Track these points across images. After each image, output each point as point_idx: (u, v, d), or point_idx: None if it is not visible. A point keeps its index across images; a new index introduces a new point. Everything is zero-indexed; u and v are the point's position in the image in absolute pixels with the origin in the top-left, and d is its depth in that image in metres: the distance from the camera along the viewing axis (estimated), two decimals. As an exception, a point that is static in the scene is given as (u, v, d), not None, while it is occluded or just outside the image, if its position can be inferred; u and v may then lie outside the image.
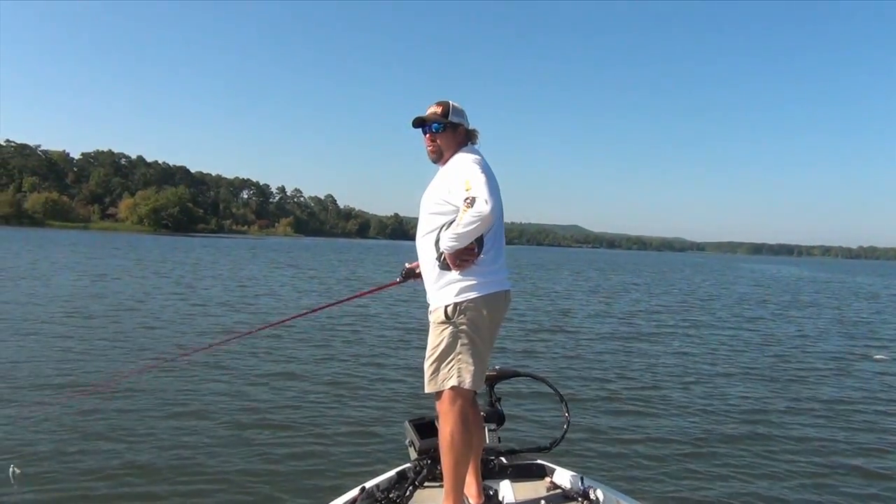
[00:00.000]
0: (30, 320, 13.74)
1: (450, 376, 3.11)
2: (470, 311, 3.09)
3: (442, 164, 3.30)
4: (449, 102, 3.31)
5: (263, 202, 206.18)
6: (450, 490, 3.13)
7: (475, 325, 3.11)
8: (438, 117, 3.27)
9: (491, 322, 3.17)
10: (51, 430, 6.95)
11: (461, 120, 3.31)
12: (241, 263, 41.11)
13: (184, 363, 10.13)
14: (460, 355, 3.11)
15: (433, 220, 3.18)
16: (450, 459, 3.10)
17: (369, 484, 3.49)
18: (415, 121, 3.32)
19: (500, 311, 3.23)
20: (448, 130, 3.27)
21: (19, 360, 9.98)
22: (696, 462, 6.82)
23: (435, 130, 3.27)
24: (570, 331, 16.62)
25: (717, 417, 8.65)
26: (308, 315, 16.44)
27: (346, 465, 6.29)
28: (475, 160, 3.15)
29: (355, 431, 7.37)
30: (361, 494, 3.37)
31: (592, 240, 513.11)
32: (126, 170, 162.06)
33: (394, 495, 3.38)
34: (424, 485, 3.52)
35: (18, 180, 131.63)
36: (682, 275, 58.67)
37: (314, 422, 7.64)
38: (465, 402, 3.15)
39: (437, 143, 3.28)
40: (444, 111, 3.28)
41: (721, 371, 11.93)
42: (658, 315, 21.67)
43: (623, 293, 31.71)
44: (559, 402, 3.93)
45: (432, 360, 3.15)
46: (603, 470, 6.32)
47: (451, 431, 3.09)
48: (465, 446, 3.10)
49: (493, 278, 3.15)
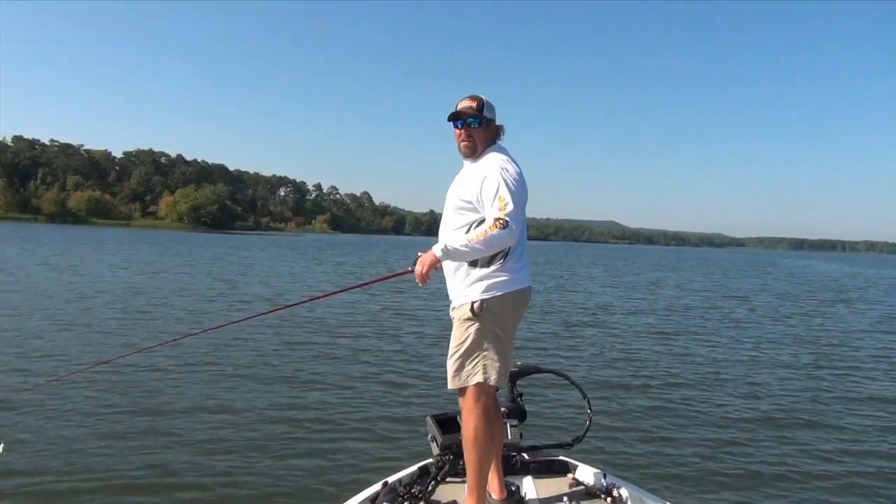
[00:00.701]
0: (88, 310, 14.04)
1: (474, 373, 3.11)
2: (496, 307, 3.09)
3: (474, 159, 3.26)
4: (482, 97, 3.27)
5: (300, 199, 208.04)
6: (473, 486, 3.13)
7: (501, 321, 3.12)
8: (474, 112, 3.23)
9: (515, 319, 3.20)
10: (68, 405, 7.18)
11: (493, 115, 3.29)
12: (282, 260, 41.56)
13: (200, 353, 10.39)
14: (486, 352, 3.11)
15: (461, 217, 3.17)
16: (473, 455, 3.10)
17: (392, 479, 3.49)
18: (451, 115, 3.27)
19: (523, 308, 3.25)
20: (483, 126, 3.24)
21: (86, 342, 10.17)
22: (724, 461, 6.70)
23: (471, 126, 3.23)
24: (598, 327, 16.49)
25: (748, 415, 8.48)
26: (325, 305, 16.86)
27: (369, 459, 6.30)
28: (509, 168, 3.10)
29: (377, 426, 7.37)
30: (384, 489, 3.38)
31: (629, 236, 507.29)
32: (166, 168, 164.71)
33: (416, 490, 3.37)
34: (447, 480, 3.51)
35: (62, 179, 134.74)
36: (721, 271, 57.82)
37: (336, 417, 7.65)
38: (489, 399, 3.16)
39: (471, 138, 3.24)
40: (479, 106, 3.24)
41: (756, 368, 11.68)
42: (691, 311, 21.36)
43: (656, 289, 31.35)
44: (582, 399, 3.90)
45: (457, 356, 3.14)
46: (626, 467, 6.25)
47: (475, 427, 3.09)
48: (488, 442, 3.11)
49: (517, 275, 3.15)
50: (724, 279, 43.35)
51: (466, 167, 3.28)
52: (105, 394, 8.11)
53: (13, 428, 6.73)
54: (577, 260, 70.76)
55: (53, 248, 39.80)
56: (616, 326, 16.76)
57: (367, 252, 63.68)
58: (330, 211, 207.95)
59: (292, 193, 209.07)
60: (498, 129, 3.32)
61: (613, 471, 3.71)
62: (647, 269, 55.43)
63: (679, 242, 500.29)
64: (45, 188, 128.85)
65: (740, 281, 41.97)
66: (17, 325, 12.62)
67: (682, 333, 15.94)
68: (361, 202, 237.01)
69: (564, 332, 15.17)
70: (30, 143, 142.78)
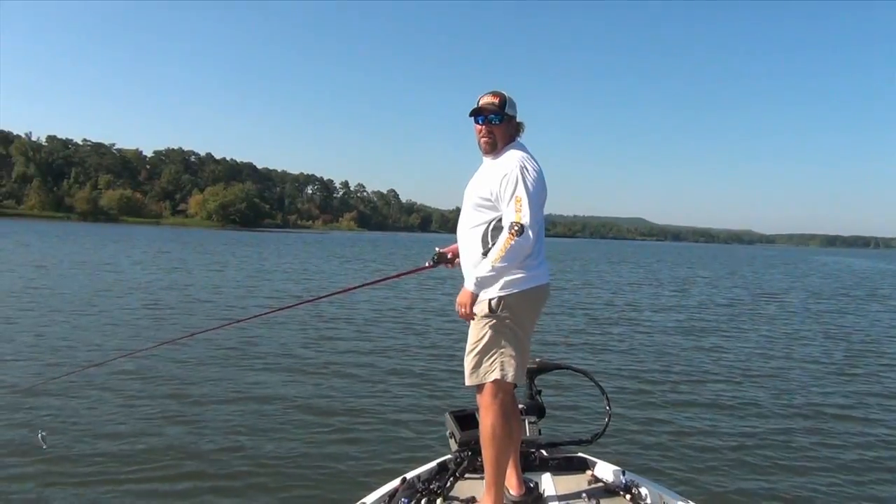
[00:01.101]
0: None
1: (492, 370, 3.11)
2: (514, 304, 3.09)
3: (494, 156, 3.25)
4: (504, 93, 3.25)
5: (327, 197, 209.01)
6: (491, 482, 3.14)
7: (519, 318, 3.12)
8: (496, 108, 3.21)
9: (533, 315, 3.21)
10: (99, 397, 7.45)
11: (515, 112, 3.27)
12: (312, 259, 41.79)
13: (228, 346, 10.68)
14: (504, 349, 3.11)
15: (479, 215, 3.18)
16: (491, 452, 3.11)
17: (410, 475, 3.50)
18: (472, 111, 3.25)
19: (541, 305, 3.26)
20: (504, 122, 3.22)
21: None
22: (746, 460, 6.67)
23: (493, 122, 3.20)
24: (622, 324, 16.45)
25: (773, 414, 8.43)
26: (348, 302, 17.07)
27: (387, 455, 6.36)
28: (529, 167, 3.09)
29: (396, 422, 7.43)
30: (402, 485, 3.39)
31: (657, 232, 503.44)
32: (195, 167, 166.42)
33: (434, 486, 3.38)
34: (465, 476, 3.53)
35: (95, 178, 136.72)
36: (749, 267, 57.08)
37: (355, 412, 7.73)
38: (507, 396, 3.17)
39: (492, 135, 3.22)
40: (501, 103, 3.22)
41: (784, 366, 11.60)
42: (717, 308, 21.20)
43: (683, 286, 31.10)
44: (600, 395, 3.90)
45: (474, 353, 3.15)
46: (645, 464, 6.25)
47: (493, 424, 3.10)
48: (506, 439, 3.11)
49: (535, 272, 3.14)
50: (753, 276, 42.85)
51: (486, 164, 3.27)
52: (136, 383, 8.43)
53: (56, 415, 7.03)
54: (604, 257, 70.26)
55: (86, 246, 40.56)
56: (641, 323, 16.71)
57: (394, 249, 63.90)
58: (357, 208, 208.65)
59: (320, 191, 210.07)
60: (518, 126, 3.29)
61: (633, 468, 3.72)
62: (674, 265, 54.89)
63: (707, 239, 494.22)
64: (78, 187, 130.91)
65: (769, 278, 41.47)
66: (57, 319, 12.92)
67: (707, 330, 15.84)
68: (388, 200, 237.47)
69: (588, 329, 15.16)
70: (63, 143, 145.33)
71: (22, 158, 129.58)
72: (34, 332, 11.65)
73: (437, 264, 3.79)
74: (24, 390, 7.69)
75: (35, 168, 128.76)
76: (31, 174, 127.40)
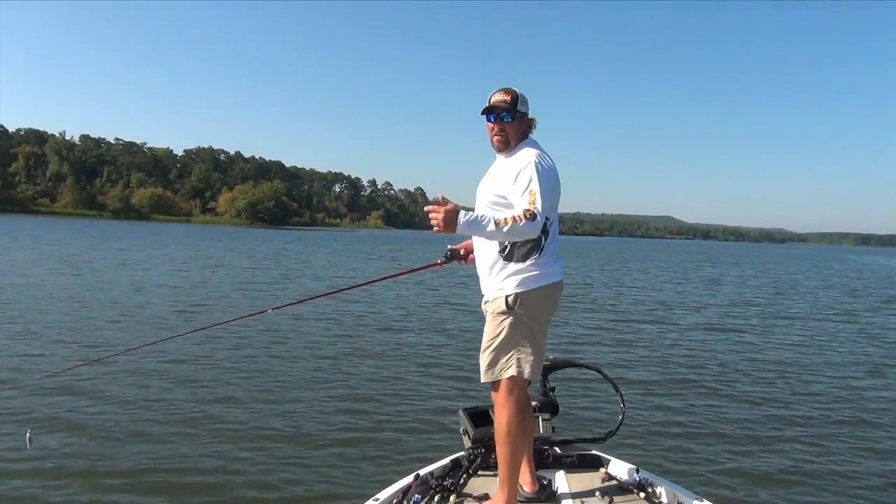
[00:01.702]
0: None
1: (508, 366, 3.12)
2: (530, 301, 3.11)
3: (507, 154, 3.25)
4: (516, 91, 3.25)
5: (355, 195, 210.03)
6: (505, 479, 3.14)
7: (534, 315, 3.13)
8: (508, 106, 3.21)
9: (549, 312, 3.23)
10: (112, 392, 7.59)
11: (527, 109, 3.27)
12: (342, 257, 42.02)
13: (240, 341, 10.87)
14: (520, 346, 3.12)
15: (494, 213, 3.11)
16: (505, 449, 3.12)
17: (423, 471, 3.52)
18: (485, 109, 3.26)
19: (556, 302, 3.26)
20: (516, 120, 3.23)
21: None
22: (761, 460, 6.59)
23: (505, 120, 3.21)
24: (641, 321, 16.40)
25: (794, 414, 8.30)
26: (367, 298, 17.25)
27: (401, 452, 6.34)
28: (542, 164, 3.09)
29: (409, 419, 7.43)
30: (416, 482, 3.40)
31: (686, 231, 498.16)
32: (225, 165, 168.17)
33: (448, 483, 3.40)
34: (478, 473, 3.53)
35: (127, 177, 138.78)
36: (781, 266, 56.27)
37: (368, 409, 7.73)
38: (522, 393, 3.18)
39: (504, 132, 3.23)
40: (513, 100, 3.22)
41: (810, 366, 11.39)
42: (744, 307, 20.96)
43: (711, 285, 30.75)
44: (614, 393, 3.89)
45: (490, 349, 3.16)
46: (660, 462, 6.20)
47: (508, 421, 3.11)
48: (521, 436, 3.13)
49: (550, 269, 3.16)
50: (784, 275, 42.31)
51: (499, 161, 3.29)
52: (138, 378, 8.55)
53: (57, 408, 7.21)
54: (633, 255, 69.75)
55: (121, 243, 41.14)
56: (662, 321, 16.63)
57: (421, 247, 64.00)
58: (384, 206, 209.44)
59: (347, 189, 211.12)
60: (531, 123, 3.30)
61: (647, 466, 3.70)
62: (703, 264, 54.23)
63: (738, 238, 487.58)
64: (110, 185, 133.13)
65: (800, 277, 40.89)
66: (82, 314, 13.13)
67: (732, 329, 15.68)
68: (415, 198, 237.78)
69: (607, 326, 15.14)
70: (96, 142, 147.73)
71: (56, 157, 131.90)
72: (71, 323, 11.89)
73: (449, 261, 3.77)
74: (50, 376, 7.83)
75: (69, 167, 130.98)
76: (64, 173, 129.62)
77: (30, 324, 11.91)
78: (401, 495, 3.31)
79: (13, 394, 7.68)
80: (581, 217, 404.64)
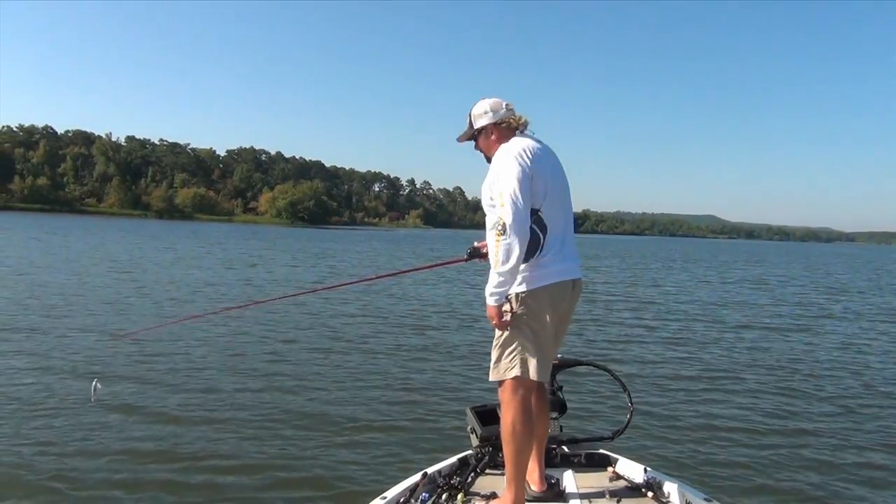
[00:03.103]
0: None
1: (511, 366, 3.12)
2: (530, 301, 3.10)
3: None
4: (470, 112, 3.39)
5: (394, 195, 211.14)
6: (511, 478, 3.14)
7: (536, 315, 3.11)
8: (469, 133, 3.42)
9: (554, 312, 3.16)
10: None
11: (485, 121, 3.34)
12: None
13: (246, 334, 11.18)
14: (522, 346, 3.11)
15: (490, 216, 3.21)
16: (511, 448, 3.11)
17: (431, 470, 3.51)
18: (458, 141, 3.51)
19: (565, 301, 3.21)
20: (481, 137, 3.38)
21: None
22: (773, 460, 6.48)
23: (476, 146, 3.43)
24: (658, 319, 16.27)
25: (803, 413, 8.18)
26: (387, 293, 17.61)
27: (408, 450, 6.35)
28: (504, 160, 3.12)
29: (417, 417, 7.43)
30: (423, 480, 3.39)
31: (729, 230, 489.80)
32: (266, 165, 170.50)
33: (455, 481, 3.38)
34: (486, 472, 3.53)
35: (171, 177, 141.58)
36: (825, 266, 54.98)
37: (376, 407, 7.73)
38: (527, 393, 3.16)
39: (482, 150, 3.41)
40: (470, 123, 3.40)
41: (821, 365, 11.09)
42: (767, 307, 20.53)
43: (749, 285, 30.12)
44: (623, 392, 3.88)
45: (495, 348, 3.19)
46: (668, 462, 6.14)
47: (513, 421, 3.10)
48: (526, 436, 3.11)
49: (556, 268, 3.13)
50: (828, 276, 41.31)
51: None
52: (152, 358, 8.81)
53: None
54: (673, 255, 68.90)
55: (166, 242, 41.85)
56: (677, 320, 16.47)
57: (461, 245, 63.88)
58: (423, 206, 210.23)
59: (386, 189, 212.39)
60: (513, 122, 3.30)
61: (655, 465, 3.63)
62: (745, 264, 53.26)
63: (783, 237, 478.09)
64: (155, 185, 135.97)
65: (844, 278, 39.86)
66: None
67: (765, 330, 15.39)
68: (454, 197, 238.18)
69: (624, 325, 15.09)
70: (141, 143, 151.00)
71: (103, 158, 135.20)
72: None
73: (471, 258, 3.81)
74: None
75: (115, 167, 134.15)
76: (111, 173, 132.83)
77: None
78: (408, 493, 3.31)
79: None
80: (621, 216, 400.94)
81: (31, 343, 10.06)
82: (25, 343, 10.06)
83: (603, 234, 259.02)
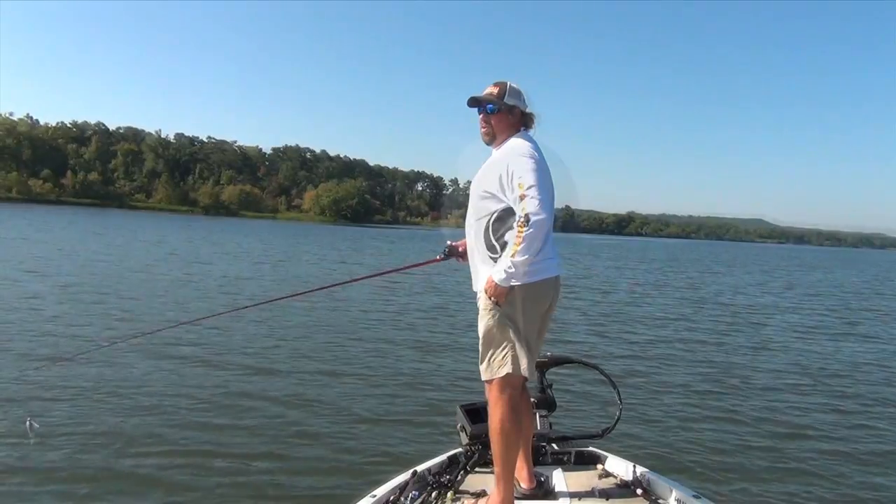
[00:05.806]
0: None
1: (503, 364, 3.10)
2: (517, 298, 3.07)
3: (496, 146, 3.28)
4: (507, 83, 3.27)
5: (437, 194, 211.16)
6: (500, 476, 3.14)
7: (523, 311, 3.10)
8: (493, 98, 3.25)
9: (538, 309, 3.16)
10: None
11: (517, 102, 3.27)
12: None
13: (234, 338, 11.01)
14: (507, 343, 3.10)
15: (483, 207, 3.20)
16: (500, 446, 3.12)
17: (421, 468, 3.51)
18: (469, 100, 3.28)
19: (548, 298, 3.21)
20: (503, 112, 3.25)
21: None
22: (762, 457, 6.57)
23: (489, 112, 3.25)
24: (656, 321, 16.26)
25: (791, 410, 8.30)
26: (356, 292, 17.53)
27: (398, 448, 6.35)
28: (527, 152, 3.10)
29: (406, 415, 7.44)
30: (413, 478, 3.39)
31: (778, 234, 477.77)
32: (311, 163, 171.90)
33: (445, 479, 3.39)
34: (475, 469, 3.56)
35: (217, 174, 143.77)
36: (877, 274, 53.66)
37: (365, 405, 7.70)
38: (515, 390, 3.16)
39: (490, 125, 3.26)
40: (501, 92, 3.25)
41: (852, 380, 10.66)
42: (768, 307, 20.52)
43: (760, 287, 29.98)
44: (612, 390, 3.90)
45: (482, 345, 3.17)
46: (657, 458, 6.16)
47: (501, 419, 3.11)
48: (514, 433, 3.13)
49: (539, 266, 3.09)
50: (879, 283, 40.18)
51: (491, 154, 3.30)
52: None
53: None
54: (719, 258, 68.03)
55: (215, 238, 42.48)
56: (671, 321, 16.43)
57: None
58: (465, 206, 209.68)
59: (429, 188, 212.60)
60: (526, 118, 3.28)
61: (644, 463, 3.61)
62: (795, 270, 52.36)
63: (834, 242, 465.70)
64: (202, 182, 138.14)
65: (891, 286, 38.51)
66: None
67: (763, 330, 15.37)
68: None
69: (608, 324, 15.18)
70: (189, 140, 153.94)
71: (152, 154, 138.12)
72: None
73: (447, 257, 3.80)
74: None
75: (164, 164, 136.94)
76: (159, 169, 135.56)
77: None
78: (398, 492, 3.30)
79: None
80: (667, 219, 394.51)
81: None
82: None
83: (648, 237, 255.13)
